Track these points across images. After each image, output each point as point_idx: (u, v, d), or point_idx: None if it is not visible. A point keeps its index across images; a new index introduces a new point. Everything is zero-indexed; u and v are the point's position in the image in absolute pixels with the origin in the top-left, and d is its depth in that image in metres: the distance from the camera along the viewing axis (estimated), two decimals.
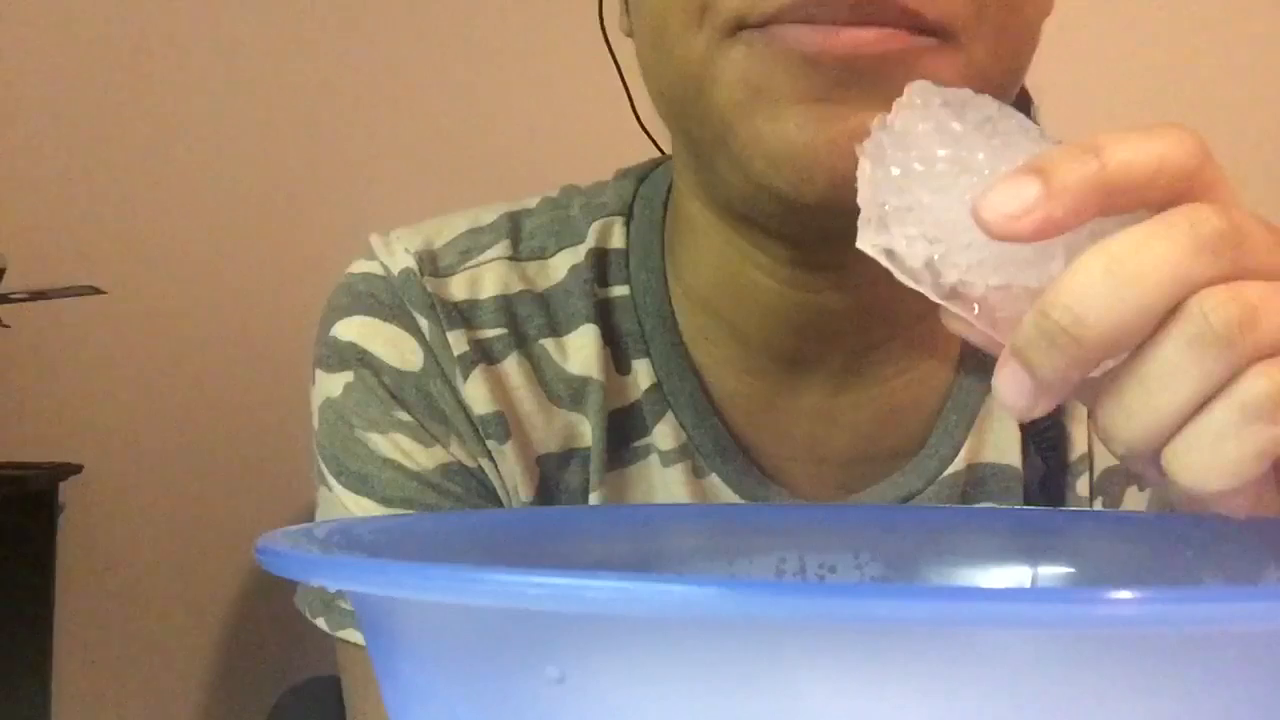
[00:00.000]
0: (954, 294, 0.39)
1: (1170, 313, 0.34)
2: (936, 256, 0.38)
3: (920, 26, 0.47)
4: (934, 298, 0.39)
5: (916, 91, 0.41)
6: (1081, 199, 0.35)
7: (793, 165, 0.49)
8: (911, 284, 0.39)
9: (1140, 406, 0.35)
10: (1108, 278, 0.34)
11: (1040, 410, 0.37)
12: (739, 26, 0.48)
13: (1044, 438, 0.63)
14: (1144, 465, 0.38)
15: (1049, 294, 0.35)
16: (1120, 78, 1.80)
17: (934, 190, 0.39)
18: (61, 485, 1.66)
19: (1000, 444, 0.62)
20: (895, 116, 0.40)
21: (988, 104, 0.40)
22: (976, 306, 0.39)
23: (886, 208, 0.39)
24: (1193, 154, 0.36)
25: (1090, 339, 0.34)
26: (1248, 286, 0.34)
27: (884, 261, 0.39)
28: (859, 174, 0.40)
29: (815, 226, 0.53)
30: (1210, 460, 0.34)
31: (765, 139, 0.49)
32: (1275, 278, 0.35)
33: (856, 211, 0.52)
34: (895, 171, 0.39)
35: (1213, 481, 0.35)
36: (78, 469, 1.67)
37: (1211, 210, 0.35)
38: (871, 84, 0.47)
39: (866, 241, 0.40)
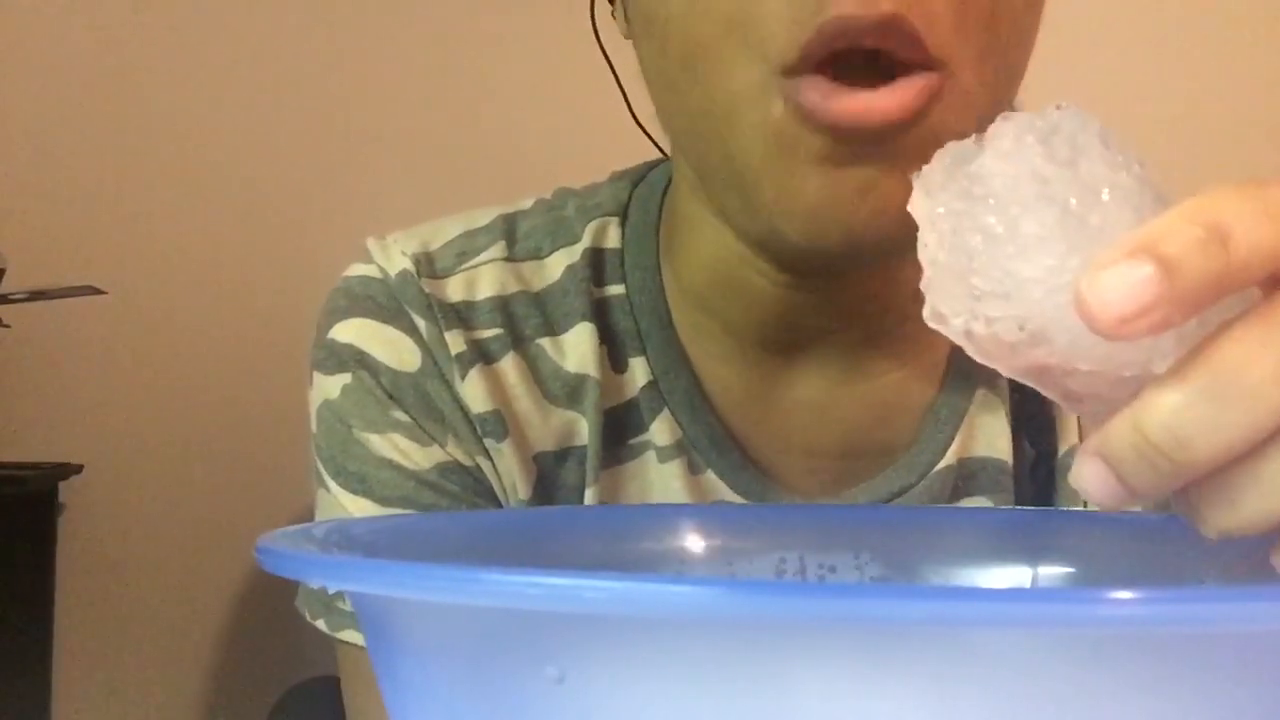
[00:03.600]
0: (1030, 370, 0.34)
1: None
2: (1025, 339, 0.33)
3: (926, 60, 0.48)
4: (1006, 373, 0.35)
5: (1011, 132, 0.35)
6: (1204, 297, 0.30)
7: (807, 223, 0.50)
8: (986, 361, 0.34)
9: (1253, 508, 0.32)
10: (1212, 399, 0.31)
11: (1131, 507, 0.34)
12: (782, 71, 0.48)
13: (1034, 422, 0.63)
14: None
15: (1145, 410, 0.32)
16: (1117, 76, 1.81)
17: (1031, 277, 0.33)
18: (61, 485, 1.66)
19: (989, 438, 0.62)
20: (984, 159, 0.35)
21: (1071, 123, 0.35)
22: (1051, 383, 0.35)
23: (974, 280, 0.34)
24: None
25: (1196, 461, 0.31)
26: None
27: (957, 340, 0.35)
28: (922, 216, 0.35)
29: (818, 264, 0.55)
30: None
31: (785, 199, 0.50)
32: None
33: (870, 249, 0.53)
34: (983, 239, 0.34)
35: None
36: (78, 469, 1.67)
37: None
38: (890, 141, 0.48)
39: (942, 319, 0.35)
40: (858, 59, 0.48)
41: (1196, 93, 1.81)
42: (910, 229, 0.37)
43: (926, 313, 0.35)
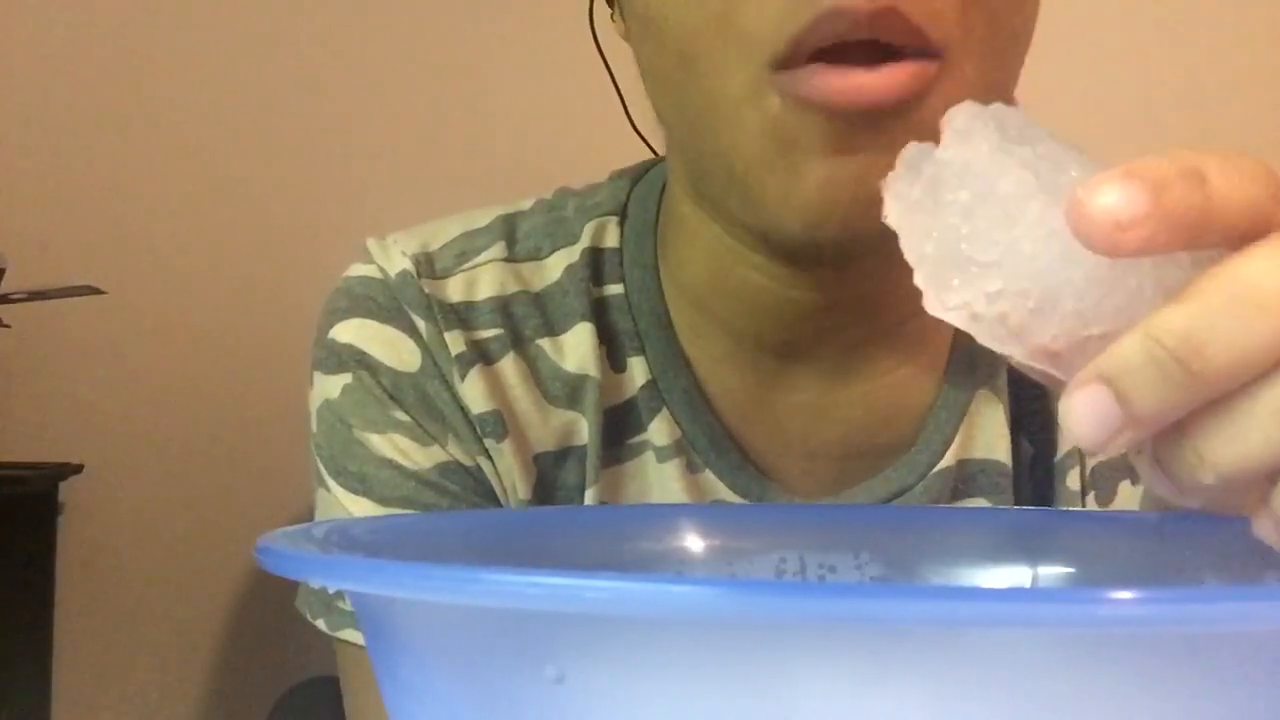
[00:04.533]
0: (1041, 351, 0.34)
1: None
2: (1028, 315, 0.33)
3: (923, 49, 0.48)
4: (1018, 359, 0.34)
5: (964, 115, 0.35)
6: (1185, 225, 0.31)
7: (810, 214, 0.50)
8: (996, 347, 0.34)
9: (1256, 438, 0.31)
10: (1234, 304, 0.31)
11: (1118, 448, 0.33)
12: (774, 64, 0.48)
13: (1033, 422, 0.63)
14: (1222, 493, 0.35)
15: (1160, 320, 0.31)
16: (1110, 77, 1.81)
17: (1021, 235, 0.33)
18: (61, 485, 1.66)
19: (988, 439, 0.62)
20: (943, 148, 0.35)
21: (1017, 115, 0.36)
22: (1061, 364, 0.34)
23: (964, 251, 0.33)
24: (1276, 196, 0.33)
25: (1210, 373, 0.31)
26: None
27: (965, 326, 0.34)
28: (899, 220, 0.35)
29: (816, 256, 0.55)
30: None
31: (787, 193, 0.50)
32: None
33: (865, 240, 0.52)
34: (962, 214, 0.34)
35: None
36: (78, 469, 1.67)
37: None
38: (888, 124, 0.48)
39: (943, 305, 0.34)
40: (855, 49, 0.47)
41: (1193, 90, 1.81)
42: None
43: (927, 304, 0.34)
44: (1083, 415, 0.32)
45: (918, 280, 0.34)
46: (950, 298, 0.34)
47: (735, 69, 0.49)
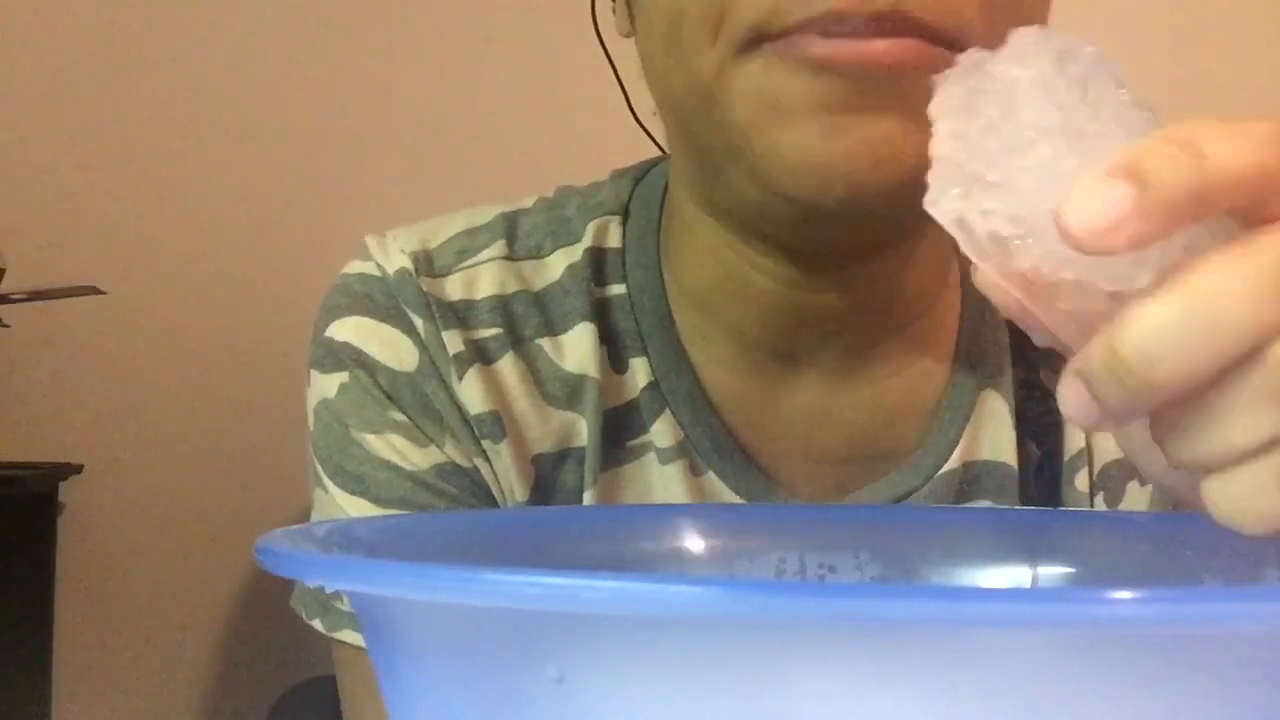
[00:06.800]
0: (1018, 275, 0.35)
1: (1247, 354, 0.33)
2: (1014, 238, 0.35)
3: (933, 38, 0.47)
4: (994, 275, 0.36)
5: (1028, 38, 0.37)
6: (1179, 209, 0.32)
7: (811, 175, 0.49)
8: (974, 257, 0.36)
9: (1198, 439, 0.34)
10: (1185, 320, 0.32)
11: (1108, 429, 0.37)
12: (756, 41, 0.48)
13: (1039, 424, 0.63)
14: (1181, 479, 0.37)
15: (1120, 328, 0.33)
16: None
17: (1027, 166, 0.35)
18: (61, 485, 1.66)
19: (995, 442, 0.62)
20: (997, 60, 0.36)
21: (1089, 54, 0.36)
22: (1040, 302, 0.36)
23: (971, 166, 0.35)
24: None
25: (1161, 383, 0.33)
26: None
27: (952, 230, 0.36)
28: (937, 112, 0.37)
29: (826, 233, 0.54)
30: (1246, 507, 0.34)
31: (782, 150, 0.49)
32: None
33: (869, 220, 0.52)
34: (984, 130, 0.36)
35: (1245, 526, 0.34)
36: (78, 469, 1.67)
37: None
38: (887, 93, 0.47)
39: (939, 205, 0.36)
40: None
41: (1193, 89, 1.81)
42: (917, 188, 0.38)
43: (926, 199, 0.36)
44: (1071, 404, 0.35)
45: (929, 175, 0.36)
46: (946, 202, 0.36)
47: (712, 48, 0.49)
